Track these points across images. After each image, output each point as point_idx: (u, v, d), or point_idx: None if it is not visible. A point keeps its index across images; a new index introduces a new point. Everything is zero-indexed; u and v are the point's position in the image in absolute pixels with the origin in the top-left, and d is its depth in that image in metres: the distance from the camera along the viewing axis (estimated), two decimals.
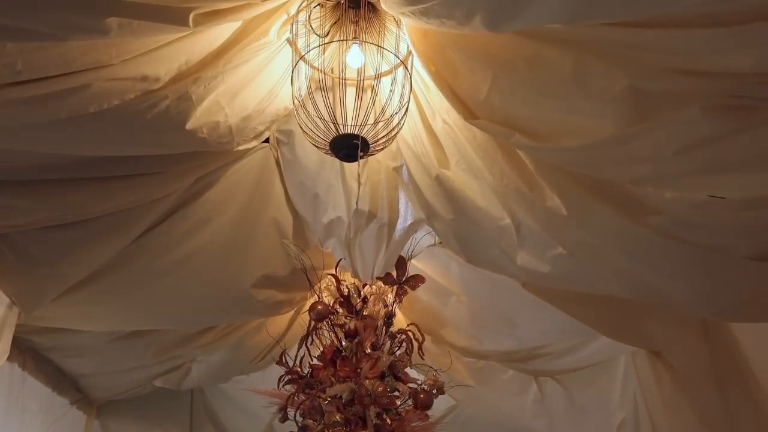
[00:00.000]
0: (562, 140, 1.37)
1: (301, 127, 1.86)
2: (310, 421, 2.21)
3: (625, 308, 2.35)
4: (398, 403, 2.28)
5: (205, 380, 3.41)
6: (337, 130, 1.76)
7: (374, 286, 2.51)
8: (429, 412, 2.45)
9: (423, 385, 2.35)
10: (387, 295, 2.53)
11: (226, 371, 3.35)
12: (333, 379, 2.24)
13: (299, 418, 2.33)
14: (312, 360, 2.43)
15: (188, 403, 3.87)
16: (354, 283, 2.53)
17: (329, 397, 2.21)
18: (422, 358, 2.48)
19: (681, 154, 1.24)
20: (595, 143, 1.31)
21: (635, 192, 1.46)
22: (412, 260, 2.60)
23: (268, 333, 2.83)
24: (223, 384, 3.73)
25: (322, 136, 1.79)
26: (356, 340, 2.34)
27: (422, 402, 2.29)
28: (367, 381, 2.22)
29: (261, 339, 3.14)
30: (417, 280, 2.53)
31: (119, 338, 2.79)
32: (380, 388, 2.23)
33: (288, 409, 2.33)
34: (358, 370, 2.26)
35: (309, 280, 2.44)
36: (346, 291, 2.47)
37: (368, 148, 1.77)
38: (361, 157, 1.76)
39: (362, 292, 2.48)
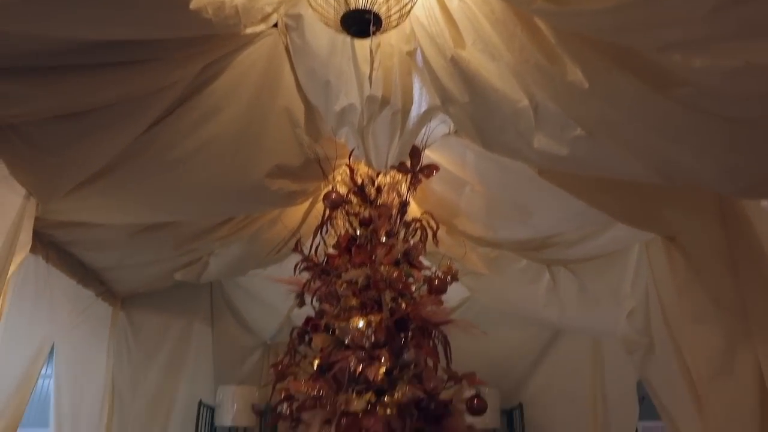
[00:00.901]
0: (586, 3, 1.29)
1: (310, 4, 1.77)
2: (327, 305, 2.27)
3: (642, 195, 2.32)
4: (413, 288, 2.33)
5: (223, 273, 3.50)
6: (347, 5, 1.68)
7: (388, 176, 2.49)
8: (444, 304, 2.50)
9: (437, 272, 2.39)
10: (401, 185, 2.51)
11: (243, 264, 3.43)
12: (348, 266, 2.28)
13: (316, 304, 2.39)
14: (327, 249, 2.46)
15: (208, 296, 3.99)
16: (368, 172, 2.51)
17: (345, 282, 2.25)
18: (436, 246, 2.50)
19: (715, 14, 1.15)
20: (622, 4, 1.22)
21: (662, 61, 1.38)
22: (427, 150, 2.56)
23: (284, 224, 2.86)
24: (242, 278, 3.83)
25: (332, 13, 1.71)
26: (371, 227, 2.35)
27: (436, 287, 2.33)
28: (383, 267, 2.25)
29: (277, 232, 3.18)
30: (431, 168, 2.50)
31: (138, 232, 2.83)
32: (395, 274, 2.27)
33: (305, 295, 2.39)
34: (373, 257, 2.29)
35: (322, 169, 2.42)
36: (359, 180, 2.45)
37: (381, 23, 1.69)
38: (374, 33, 1.68)
39: (376, 182, 2.47)
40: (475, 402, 2.25)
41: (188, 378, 3.79)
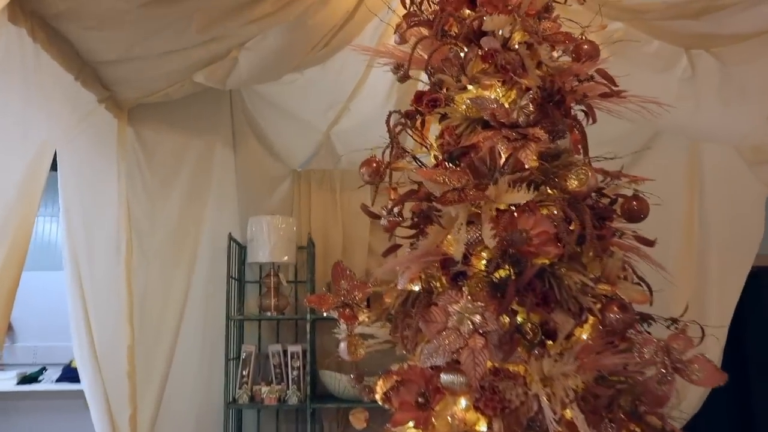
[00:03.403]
0: None
1: None
2: (445, 76, 1.64)
3: None
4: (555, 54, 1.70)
5: (255, 76, 2.79)
6: None
7: None
8: None
9: (583, 35, 1.75)
10: None
11: (280, 63, 2.72)
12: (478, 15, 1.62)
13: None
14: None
15: (229, 114, 3.32)
16: None
17: (475, 42, 1.60)
18: (581, 2, 1.85)
19: None
20: None
21: None
22: None
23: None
24: (271, 91, 3.14)
25: None
26: None
27: (587, 52, 1.71)
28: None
29: (327, 15, 2.47)
30: None
31: (151, 1, 2.10)
32: (548, 26, 1.63)
33: (406, 67, 1.74)
34: (508, 7, 1.63)
35: None
36: None
37: None
38: None
39: None
40: (634, 204, 1.71)
41: (213, 209, 3.22)
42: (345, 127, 3.26)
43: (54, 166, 2.33)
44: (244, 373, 3.19)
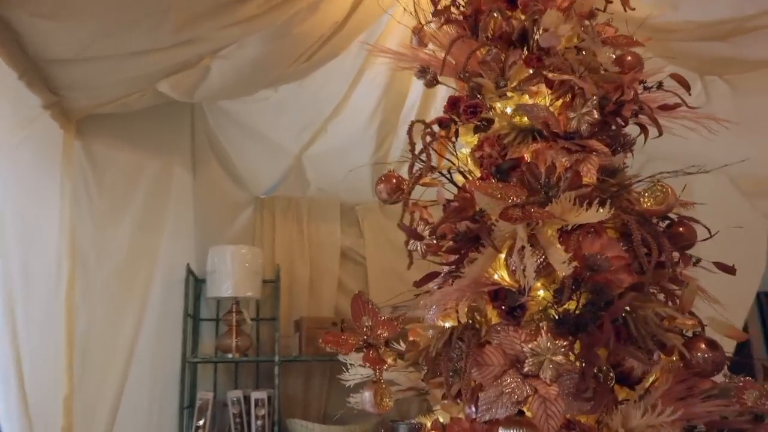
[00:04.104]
0: None
1: None
2: (485, 80, 1.42)
3: None
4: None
5: (225, 89, 2.49)
6: None
7: None
8: None
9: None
10: None
11: (255, 76, 2.45)
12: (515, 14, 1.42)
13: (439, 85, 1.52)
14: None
15: (189, 132, 2.99)
16: None
17: (520, 40, 1.40)
18: (626, 10, 1.69)
19: None
20: None
21: None
22: None
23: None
24: (240, 108, 2.85)
25: None
26: None
27: (630, 63, 1.54)
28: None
29: (313, 25, 2.23)
30: None
31: None
32: (606, 29, 1.46)
33: (430, 71, 1.51)
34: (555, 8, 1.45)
35: None
36: None
37: None
38: None
39: None
40: (681, 229, 1.55)
41: (168, 239, 2.85)
42: (319, 150, 3.00)
43: None
44: (199, 423, 2.78)
